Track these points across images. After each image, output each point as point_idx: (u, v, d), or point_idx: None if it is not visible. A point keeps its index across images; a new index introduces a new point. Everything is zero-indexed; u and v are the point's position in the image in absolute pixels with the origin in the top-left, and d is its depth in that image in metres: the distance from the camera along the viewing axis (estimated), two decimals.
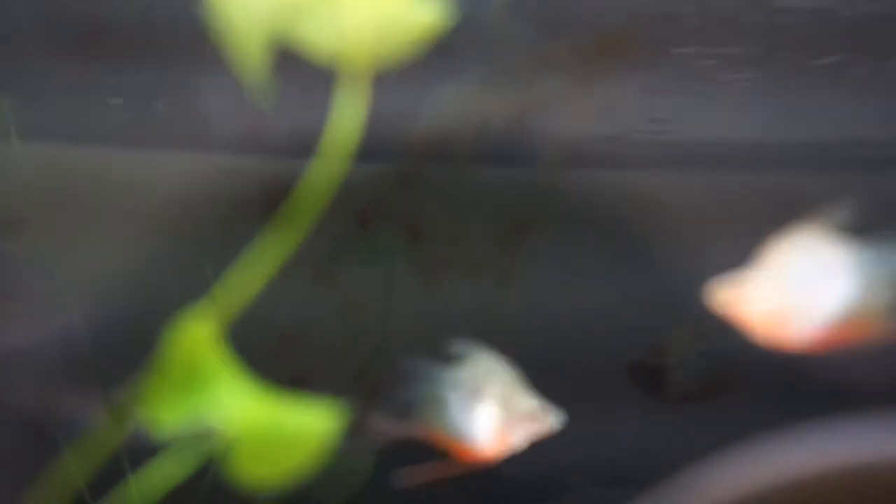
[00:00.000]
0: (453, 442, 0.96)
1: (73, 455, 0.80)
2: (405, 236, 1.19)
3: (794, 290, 0.87)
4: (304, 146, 0.93)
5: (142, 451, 0.80)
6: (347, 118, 0.71)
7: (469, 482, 1.02)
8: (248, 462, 0.73)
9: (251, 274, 0.74)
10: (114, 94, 1.12)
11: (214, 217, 1.16)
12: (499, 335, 1.19)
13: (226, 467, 0.74)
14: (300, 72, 0.76)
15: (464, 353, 1.00)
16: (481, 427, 0.95)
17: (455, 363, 1.00)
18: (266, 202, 1.13)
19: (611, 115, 1.18)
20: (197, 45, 0.70)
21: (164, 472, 0.79)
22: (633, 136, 1.19)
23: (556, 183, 1.19)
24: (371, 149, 1.19)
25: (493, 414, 0.95)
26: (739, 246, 1.04)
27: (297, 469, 0.73)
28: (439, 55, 1.17)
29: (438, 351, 1.11)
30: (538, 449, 1.06)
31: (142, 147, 1.17)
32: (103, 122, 1.15)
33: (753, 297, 0.88)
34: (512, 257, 1.20)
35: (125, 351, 1.04)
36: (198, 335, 0.75)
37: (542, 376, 1.05)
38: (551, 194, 1.20)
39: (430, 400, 0.99)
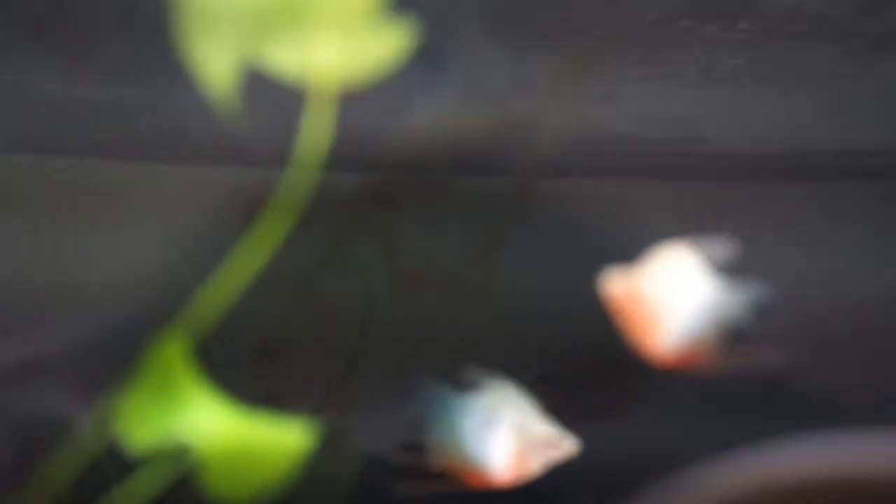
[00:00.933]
0: (469, 469, 0.96)
1: (54, 465, 0.81)
2: (382, 249, 1.20)
3: (657, 299, 0.90)
4: (278, 159, 0.94)
5: (118, 465, 0.81)
6: (316, 134, 0.72)
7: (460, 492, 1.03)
8: (220, 477, 0.74)
9: (227, 286, 0.74)
10: (95, 107, 1.12)
11: (192, 229, 1.16)
12: (477, 347, 1.20)
13: (199, 483, 0.74)
14: (273, 88, 0.76)
15: (478, 380, 1.01)
16: (497, 455, 0.96)
17: (470, 390, 1.01)
18: (242, 215, 1.13)
19: (586, 126, 1.19)
20: (175, 58, 0.71)
21: (140, 488, 0.79)
22: (609, 145, 1.20)
23: (532, 194, 1.20)
24: (347, 162, 1.20)
25: (509, 441, 0.95)
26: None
27: (270, 484, 0.73)
28: (415, 70, 1.18)
29: (417, 365, 1.11)
30: None
31: (124, 159, 1.17)
32: (85, 133, 1.15)
33: (633, 295, 0.91)
34: (489, 270, 1.20)
35: (108, 361, 1.05)
36: (172, 351, 0.76)
37: (522, 386, 1.06)
38: (528, 206, 1.21)
39: (445, 427, 0.99)
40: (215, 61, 0.70)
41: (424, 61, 1.16)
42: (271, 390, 1.19)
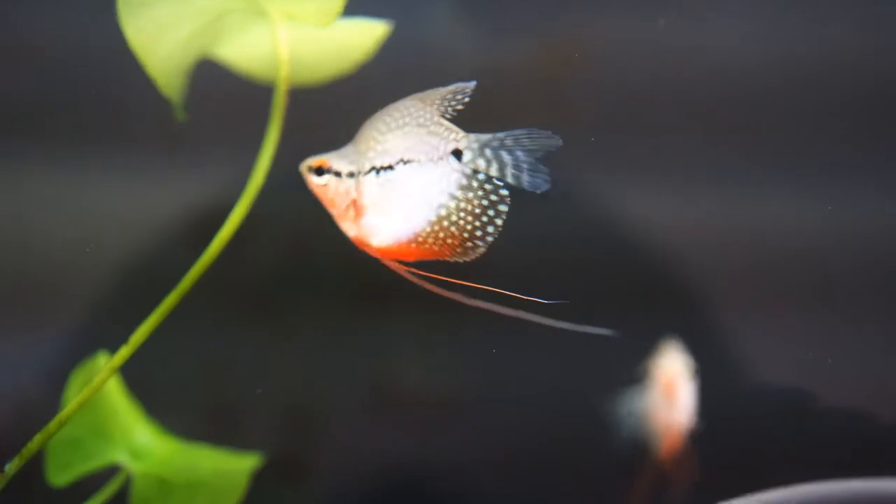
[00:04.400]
0: None
1: None
2: (345, 263, 1.14)
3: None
4: (233, 159, 0.88)
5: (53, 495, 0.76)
6: (270, 137, 0.66)
7: None
8: None
9: (170, 305, 0.69)
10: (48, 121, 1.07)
11: (144, 244, 1.11)
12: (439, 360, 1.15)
13: None
14: (228, 83, 0.71)
15: None
16: None
17: None
18: (194, 228, 1.08)
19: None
20: (127, 70, 0.65)
21: None
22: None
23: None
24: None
25: None
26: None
27: None
28: (387, 61, 1.13)
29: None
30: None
31: (76, 174, 1.11)
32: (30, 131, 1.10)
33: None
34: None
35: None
36: (107, 375, 0.70)
37: None
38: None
39: None
40: (166, 60, 0.64)
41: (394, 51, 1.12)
42: (226, 410, 1.13)
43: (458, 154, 0.72)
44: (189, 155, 1.01)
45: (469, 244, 0.72)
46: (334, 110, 1.01)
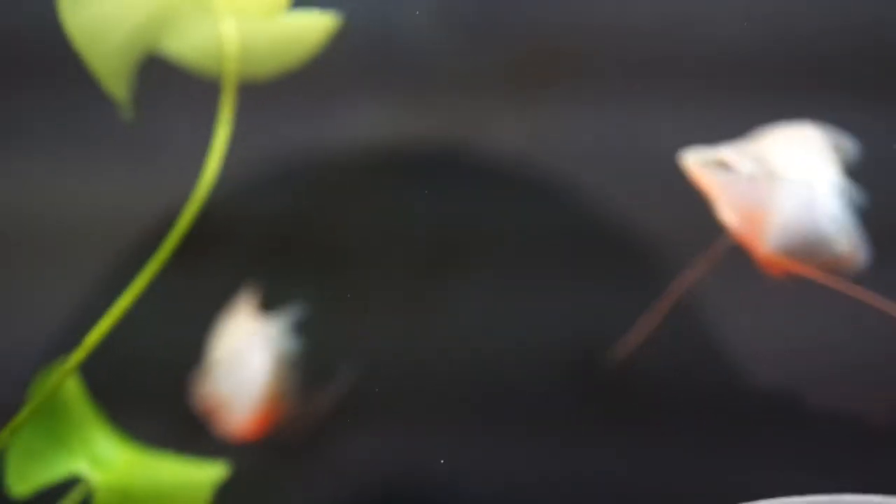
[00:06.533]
0: None
1: None
2: (324, 266, 1.13)
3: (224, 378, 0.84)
4: (186, 155, 0.87)
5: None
6: (221, 131, 0.65)
7: None
8: None
9: (119, 312, 0.68)
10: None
11: (105, 246, 1.10)
12: (423, 366, 1.13)
13: None
14: (177, 78, 0.70)
15: None
16: None
17: None
18: (156, 228, 1.06)
19: (542, 138, 1.13)
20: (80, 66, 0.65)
21: None
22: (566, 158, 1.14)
23: (483, 208, 1.14)
24: (288, 176, 1.13)
25: None
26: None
27: None
28: (363, 72, 1.11)
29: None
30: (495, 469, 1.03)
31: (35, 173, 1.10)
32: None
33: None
34: (437, 286, 1.14)
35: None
36: (67, 386, 0.69)
37: (464, 406, 1.03)
38: (479, 220, 1.15)
39: None
40: (112, 53, 0.63)
41: (369, 65, 1.11)
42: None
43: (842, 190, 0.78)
44: (139, 152, 1.01)
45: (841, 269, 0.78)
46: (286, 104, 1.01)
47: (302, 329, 0.95)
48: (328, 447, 1.07)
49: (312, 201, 1.11)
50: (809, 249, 0.77)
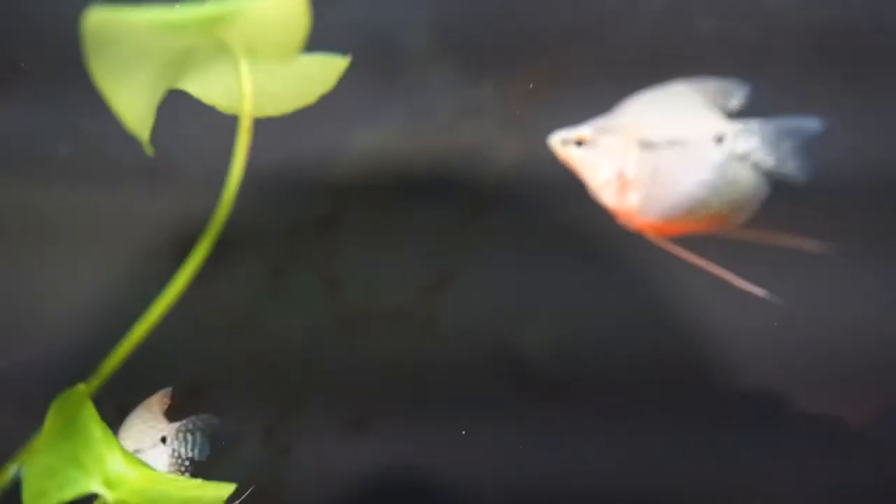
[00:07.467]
0: None
1: None
2: (323, 283, 1.15)
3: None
4: (207, 186, 0.89)
5: None
6: (237, 161, 0.68)
7: None
8: None
9: (154, 317, 0.70)
10: (21, 135, 1.08)
11: (123, 260, 1.12)
12: (421, 383, 1.16)
13: None
14: (199, 114, 0.73)
15: None
16: None
17: None
18: (173, 244, 1.09)
19: (535, 154, 1.15)
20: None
21: None
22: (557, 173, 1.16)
23: (480, 225, 1.16)
24: (289, 193, 1.16)
25: None
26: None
27: None
28: (360, 96, 1.14)
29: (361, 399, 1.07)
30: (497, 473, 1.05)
31: (52, 187, 1.12)
32: (6, 157, 1.11)
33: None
34: (434, 303, 1.16)
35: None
36: (83, 406, 0.71)
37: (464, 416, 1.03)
38: (475, 237, 1.17)
39: None
40: (129, 94, 0.65)
41: (371, 86, 1.13)
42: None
43: (719, 139, 0.76)
44: (161, 182, 1.03)
45: (727, 222, 0.77)
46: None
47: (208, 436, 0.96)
48: (328, 447, 1.10)
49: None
50: (682, 211, 0.76)
